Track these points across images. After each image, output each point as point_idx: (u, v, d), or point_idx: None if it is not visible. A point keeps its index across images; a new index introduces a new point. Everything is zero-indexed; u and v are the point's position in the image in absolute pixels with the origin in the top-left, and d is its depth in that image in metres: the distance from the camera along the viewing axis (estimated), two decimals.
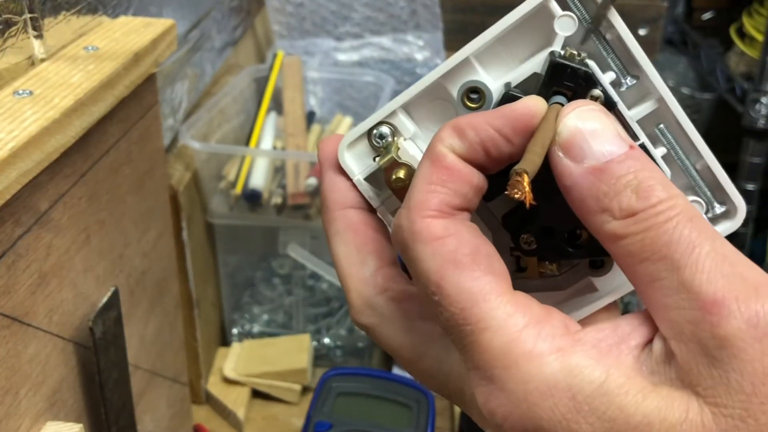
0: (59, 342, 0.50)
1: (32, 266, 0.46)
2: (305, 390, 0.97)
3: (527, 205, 0.27)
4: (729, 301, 0.25)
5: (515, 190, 0.27)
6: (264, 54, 1.27)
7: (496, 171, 0.31)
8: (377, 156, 0.35)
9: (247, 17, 1.18)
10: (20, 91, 0.47)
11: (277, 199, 0.93)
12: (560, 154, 0.28)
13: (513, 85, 0.32)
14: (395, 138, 0.34)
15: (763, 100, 1.12)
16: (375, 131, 0.35)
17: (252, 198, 0.93)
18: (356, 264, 0.35)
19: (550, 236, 0.32)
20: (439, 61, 1.21)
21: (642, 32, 1.25)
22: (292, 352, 0.98)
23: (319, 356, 1.02)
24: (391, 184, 0.34)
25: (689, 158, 0.33)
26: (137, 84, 0.57)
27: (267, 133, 1.03)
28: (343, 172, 0.35)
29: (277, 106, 1.07)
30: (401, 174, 0.33)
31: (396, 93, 1.20)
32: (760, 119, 1.13)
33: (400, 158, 0.34)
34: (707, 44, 1.37)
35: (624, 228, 0.27)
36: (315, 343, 1.01)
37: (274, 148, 1.02)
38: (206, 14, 0.98)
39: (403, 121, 0.34)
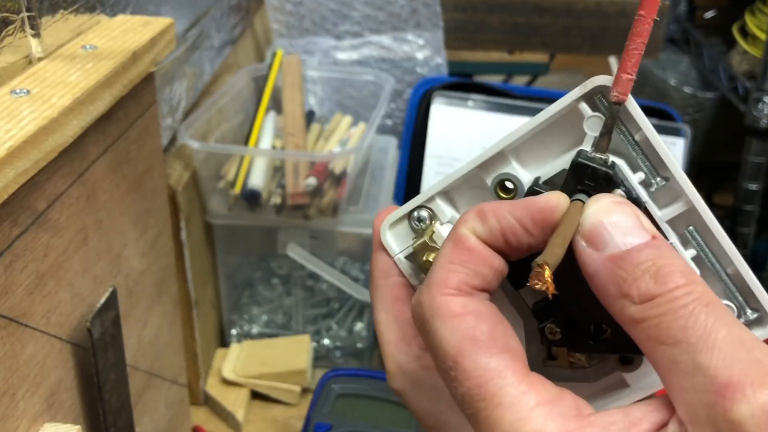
0: (57, 343, 0.50)
1: (30, 266, 0.46)
2: (305, 391, 0.97)
3: (549, 296, 0.28)
4: (743, 386, 0.25)
5: (536, 281, 0.28)
6: (263, 53, 1.27)
7: (516, 259, 0.32)
8: (415, 237, 0.37)
9: (246, 16, 1.18)
10: (17, 90, 0.47)
11: (276, 199, 0.93)
12: (583, 243, 0.29)
13: (542, 180, 0.34)
14: (432, 222, 0.36)
15: (766, 99, 1.12)
16: (414, 214, 0.37)
17: (251, 198, 0.92)
18: (394, 331, 0.37)
19: (573, 328, 0.33)
20: (439, 60, 1.20)
21: None
22: (292, 353, 0.97)
23: (319, 357, 1.01)
24: (422, 265, 0.35)
25: (720, 262, 0.33)
26: (135, 83, 0.57)
27: (266, 132, 1.03)
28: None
29: (277, 105, 1.07)
30: (431, 257, 0.35)
31: (396, 92, 1.20)
32: (762, 118, 1.12)
33: (432, 242, 0.35)
34: (709, 43, 1.36)
35: (642, 312, 0.27)
36: (314, 344, 1.01)
37: (274, 147, 1.01)
38: (205, 13, 0.97)
39: (441, 206, 0.36)
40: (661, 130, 1.07)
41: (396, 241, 0.37)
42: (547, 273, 0.28)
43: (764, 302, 0.33)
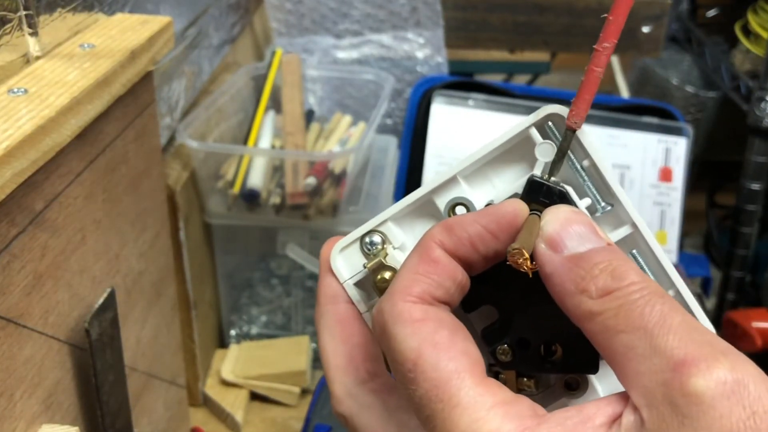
0: (55, 344, 0.49)
1: (27, 267, 0.46)
2: (304, 392, 0.97)
3: (530, 275, 0.30)
4: (698, 361, 0.26)
5: (516, 258, 0.30)
6: (262, 52, 1.27)
7: (482, 270, 0.33)
8: (367, 261, 0.37)
9: (245, 14, 1.17)
10: (15, 90, 0.47)
11: (275, 199, 0.92)
12: (543, 246, 0.31)
13: (495, 203, 0.35)
14: (385, 245, 0.37)
15: None
16: (366, 238, 0.38)
17: (250, 198, 0.92)
18: (341, 355, 0.37)
19: (525, 348, 0.34)
20: (440, 58, 1.20)
21: (645, 30, 1.24)
22: (291, 354, 0.97)
23: (318, 358, 1.01)
24: (377, 284, 0.36)
25: (662, 285, 0.34)
26: (134, 82, 0.56)
27: (265, 131, 1.02)
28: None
29: (276, 104, 1.06)
30: (387, 275, 0.36)
31: (396, 91, 1.20)
32: (765, 118, 1.12)
33: (387, 262, 0.36)
34: (712, 42, 1.36)
35: (600, 305, 0.29)
36: (314, 344, 1.01)
37: (273, 147, 1.01)
38: (204, 11, 0.97)
39: (393, 231, 0.38)
40: (663, 130, 1.07)
41: (345, 267, 0.38)
42: (525, 254, 0.30)
43: (707, 326, 0.34)
